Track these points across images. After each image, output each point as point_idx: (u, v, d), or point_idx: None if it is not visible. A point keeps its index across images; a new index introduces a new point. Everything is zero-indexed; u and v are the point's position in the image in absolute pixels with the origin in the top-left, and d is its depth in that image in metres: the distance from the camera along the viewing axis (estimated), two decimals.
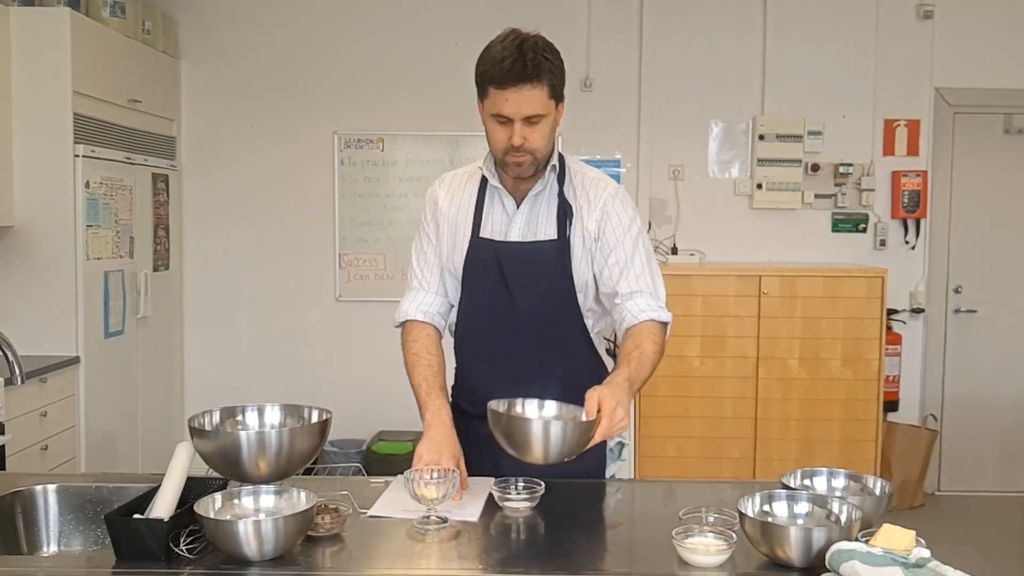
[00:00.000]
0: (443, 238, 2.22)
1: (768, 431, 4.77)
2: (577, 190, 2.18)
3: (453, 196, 2.23)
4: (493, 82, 1.99)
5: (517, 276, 2.13)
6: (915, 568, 1.44)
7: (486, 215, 2.18)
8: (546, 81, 2.00)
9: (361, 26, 5.28)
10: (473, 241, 2.16)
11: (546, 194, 2.17)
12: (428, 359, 2.16)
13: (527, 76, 1.96)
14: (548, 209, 2.16)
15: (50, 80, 4.05)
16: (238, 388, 5.14)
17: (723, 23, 5.25)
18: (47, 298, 4.09)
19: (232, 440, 1.81)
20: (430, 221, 2.26)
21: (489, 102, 2.03)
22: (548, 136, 2.06)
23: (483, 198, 2.19)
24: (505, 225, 2.16)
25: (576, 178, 2.20)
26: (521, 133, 2.01)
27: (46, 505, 2.00)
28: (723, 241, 5.27)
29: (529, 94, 1.98)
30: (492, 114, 2.03)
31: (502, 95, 1.99)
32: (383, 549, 1.72)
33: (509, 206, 2.17)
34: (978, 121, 5.35)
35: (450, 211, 2.21)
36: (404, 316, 2.24)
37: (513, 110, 1.99)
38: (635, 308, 2.13)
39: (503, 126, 2.03)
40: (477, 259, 2.16)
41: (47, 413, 3.85)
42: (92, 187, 4.19)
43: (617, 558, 1.76)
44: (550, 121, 2.05)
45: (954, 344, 5.43)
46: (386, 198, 5.28)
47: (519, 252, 2.14)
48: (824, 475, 1.88)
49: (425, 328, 2.22)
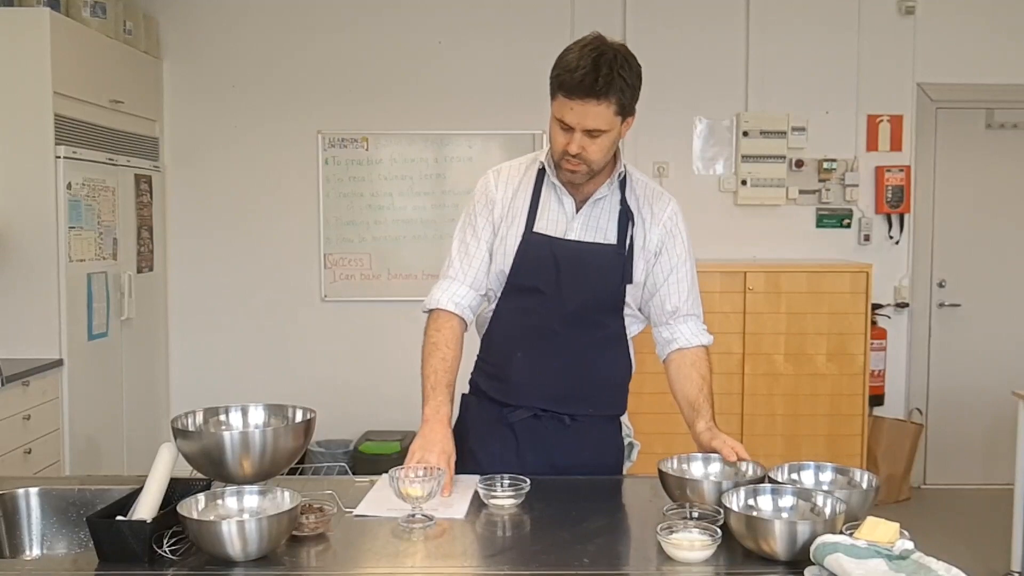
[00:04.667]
0: (495, 229, 2.20)
1: (754, 427, 4.79)
2: (640, 200, 2.21)
3: (508, 188, 2.21)
4: (562, 89, 1.97)
5: (571, 274, 2.14)
6: (899, 560, 1.45)
7: (542, 210, 2.17)
8: (614, 99, 1.96)
9: (345, 25, 5.26)
10: (527, 235, 2.15)
11: (609, 200, 2.18)
12: (444, 352, 2.15)
13: (595, 92, 1.94)
14: (610, 214, 2.17)
15: (30, 81, 4.02)
16: (223, 389, 5.12)
17: (706, 20, 5.26)
18: (30, 300, 4.06)
19: (215, 440, 1.80)
20: (479, 213, 2.22)
21: (555, 105, 2.02)
22: (607, 150, 2.06)
23: (539, 192, 2.18)
24: (563, 223, 2.16)
25: (639, 187, 2.22)
26: (580, 143, 2.01)
27: (28, 508, 1.99)
28: (708, 238, 5.27)
29: (595, 110, 1.96)
30: (556, 118, 2.03)
31: (567, 104, 1.97)
32: (368, 548, 1.72)
33: (568, 205, 2.16)
34: (961, 116, 5.38)
35: (504, 202, 2.20)
36: (435, 304, 2.21)
37: (575, 121, 1.98)
38: (687, 332, 2.30)
39: (564, 132, 2.02)
40: (530, 252, 2.15)
41: (31, 416, 3.82)
42: (74, 188, 4.16)
43: (602, 554, 1.76)
44: (612, 136, 2.03)
45: (938, 338, 5.46)
46: (371, 197, 5.27)
47: (577, 251, 2.15)
48: (811, 469, 1.89)
49: (452, 319, 2.19)
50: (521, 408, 2.21)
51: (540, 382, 2.19)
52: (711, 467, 1.97)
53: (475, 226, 2.22)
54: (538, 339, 2.18)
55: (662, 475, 1.88)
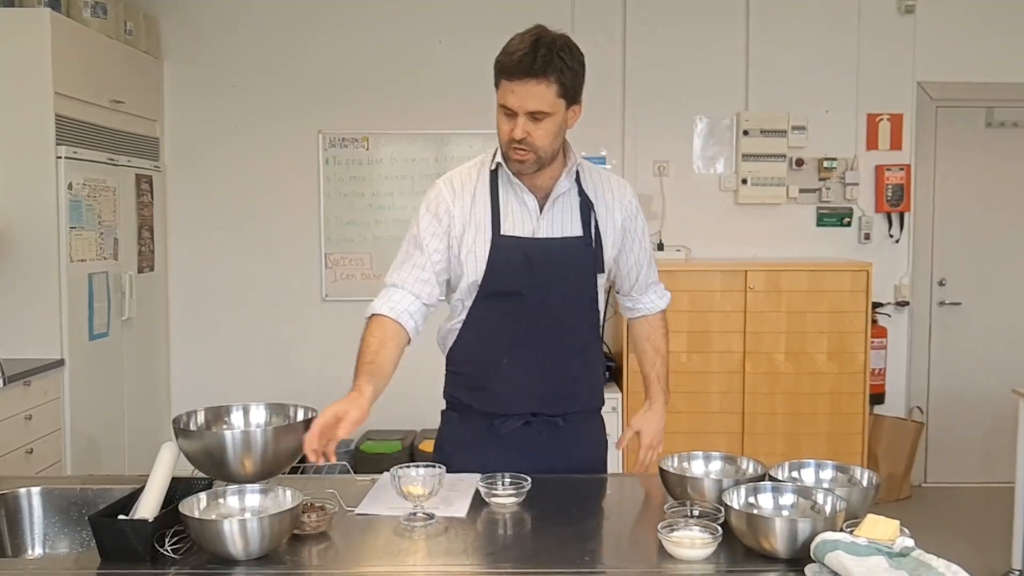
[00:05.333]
0: (454, 240, 2.15)
1: (755, 425, 4.79)
2: (597, 188, 2.22)
3: (465, 196, 2.16)
4: (503, 72, 2.01)
5: (547, 272, 2.13)
6: (899, 557, 1.45)
7: (504, 212, 2.14)
8: (554, 79, 1.98)
9: (345, 25, 5.26)
10: (496, 240, 2.12)
11: (569, 194, 2.18)
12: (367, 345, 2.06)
13: (534, 71, 1.96)
14: (572, 208, 2.18)
15: (31, 81, 4.02)
16: (224, 389, 5.12)
17: (706, 19, 5.26)
18: (31, 301, 4.07)
19: (217, 440, 1.81)
20: (426, 226, 2.15)
21: (499, 92, 2.04)
22: (552, 135, 2.04)
23: (497, 194, 2.16)
24: (530, 223, 2.14)
25: (591, 175, 2.24)
26: (523, 127, 2.01)
27: (30, 508, 1.99)
28: (709, 237, 5.29)
29: (535, 90, 1.98)
30: (500, 104, 2.04)
31: (509, 87, 2.00)
32: (370, 546, 1.72)
33: (531, 204, 2.15)
34: (960, 115, 5.38)
35: (464, 211, 2.14)
36: (370, 311, 2.13)
37: (517, 103, 2.00)
38: (648, 302, 2.41)
39: (508, 118, 2.03)
40: (502, 256, 2.12)
41: (32, 416, 3.82)
42: (75, 189, 4.16)
43: (603, 552, 1.76)
44: (556, 121, 2.03)
45: (939, 337, 5.46)
46: (372, 197, 5.27)
47: (549, 248, 2.14)
48: (812, 467, 1.90)
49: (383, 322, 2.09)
50: (512, 416, 2.18)
51: (530, 386, 2.17)
52: (712, 465, 1.98)
53: (419, 238, 2.16)
54: (524, 343, 2.16)
55: (663, 473, 1.88)
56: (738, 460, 1.96)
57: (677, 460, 1.96)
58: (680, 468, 1.94)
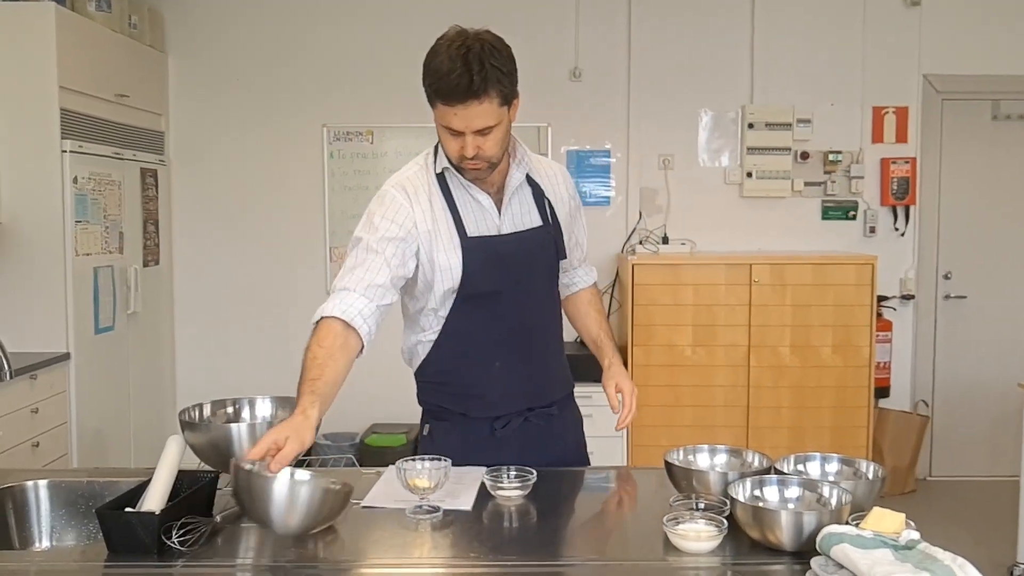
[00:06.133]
0: (422, 248, 2.06)
1: (760, 419, 4.79)
2: (541, 175, 2.21)
3: (423, 200, 2.08)
4: (440, 96, 1.91)
5: (519, 267, 2.12)
6: (905, 550, 1.45)
7: (464, 214, 2.09)
8: (495, 92, 1.90)
9: (349, 18, 5.26)
10: (465, 243, 2.06)
11: (523, 185, 2.16)
12: (312, 357, 1.87)
13: (474, 92, 1.87)
14: (526, 197, 2.16)
15: (36, 75, 4.03)
16: (230, 382, 5.13)
17: (711, 12, 5.25)
18: (36, 295, 4.07)
19: (223, 433, 1.81)
20: (384, 233, 2.03)
21: (438, 113, 1.96)
22: (501, 142, 1.99)
23: (452, 197, 2.09)
24: (492, 221, 2.11)
25: (534, 163, 2.21)
26: (473, 144, 1.94)
27: (37, 501, 2.00)
28: (713, 230, 5.28)
29: (477, 109, 1.89)
30: (442, 125, 1.96)
31: (451, 111, 1.91)
32: (376, 539, 1.73)
33: (486, 201, 2.10)
34: (966, 107, 5.36)
35: (425, 218, 2.06)
36: (318, 314, 1.95)
37: (463, 124, 1.92)
38: (582, 276, 2.42)
39: (455, 137, 1.96)
40: (476, 258, 2.07)
41: (38, 410, 3.83)
42: (80, 183, 4.17)
43: (609, 545, 1.77)
44: (503, 127, 1.97)
45: (944, 330, 5.45)
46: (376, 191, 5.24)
47: (518, 242, 2.12)
48: (817, 460, 1.90)
49: (332, 328, 1.92)
50: (511, 415, 2.17)
51: (523, 382, 2.17)
52: (717, 458, 1.98)
53: (373, 244, 2.02)
54: (510, 341, 2.14)
55: (668, 466, 1.88)
56: (743, 453, 1.96)
57: (682, 453, 1.96)
58: (685, 461, 1.94)
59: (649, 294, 4.71)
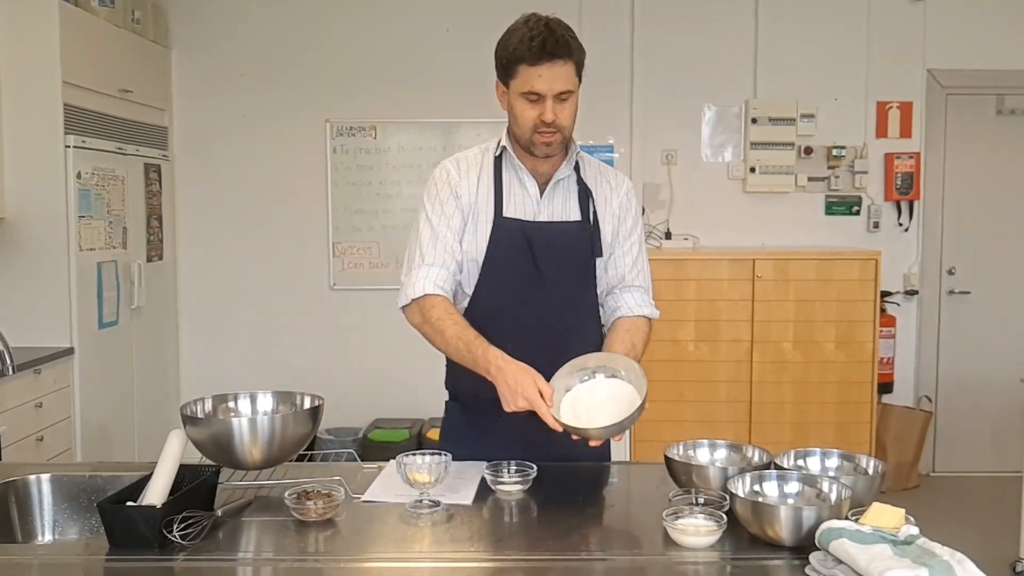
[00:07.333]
0: (465, 217, 2.16)
1: (762, 414, 4.79)
2: (597, 178, 2.24)
3: (472, 176, 2.18)
4: (524, 60, 2.01)
5: (547, 255, 2.14)
6: (904, 545, 1.45)
7: (507, 195, 2.16)
8: (574, 59, 2.03)
9: (352, 14, 5.26)
10: (498, 221, 2.14)
11: (568, 180, 2.20)
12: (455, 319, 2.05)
13: (559, 52, 2.00)
14: (571, 194, 2.19)
15: (39, 70, 4.03)
16: (233, 377, 5.15)
17: (714, 6, 5.24)
18: (40, 290, 4.09)
19: (224, 427, 1.82)
20: (445, 200, 2.16)
21: (519, 81, 2.04)
22: (574, 114, 2.09)
23: (501, 178, 2.17)
24: (531, 207, 2.16)
25: (590, 165, 2.25)
26: (553, 109, 2.03)
27: (40, 494, 2.01)
28: (717, 225, 5.28)
29: (561, 69, 2.01)
30: (522, 92, 2.04)
31: (535, 72, 2.01)
32: (376, 533, 1.73)
33: (532, 188, 2.17)
34: (970, 102, 5.35)
35: (470, 191, 2.17)
36: (416, 292, 2.09)
37: (546, 86, 2.01)
38: (632, 301, 2.29)
39: (534, 104, 2.04)
40: (503, 239, 2.13)
41: (42, 404, 3.85)
42: (84, 178, 4.18)
43: (608, 540, 1.77)
44: (576, 99, 2.08)
45: (948, 326, 5.44)
46: (379, 186, 5.27)
47: (549, 231, 2.15)
48: (817, 455, 1.90)
49: (437, 299, 2.08)
50: None
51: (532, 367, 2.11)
52: (717, 453, 1.98)
53: (443, 212, 2.15)
54: (526, 326, 2.14)
55: (668, 461, 1.88)
56: (743, 448, 1.96)
57: (683, 448, 1.96)
58: (685, 456, 1.94)
59: (652, 289, 4.70)
